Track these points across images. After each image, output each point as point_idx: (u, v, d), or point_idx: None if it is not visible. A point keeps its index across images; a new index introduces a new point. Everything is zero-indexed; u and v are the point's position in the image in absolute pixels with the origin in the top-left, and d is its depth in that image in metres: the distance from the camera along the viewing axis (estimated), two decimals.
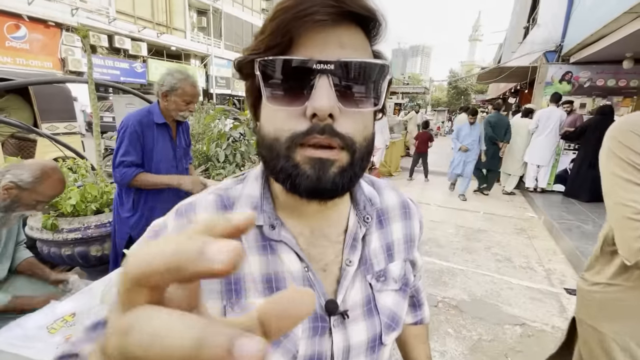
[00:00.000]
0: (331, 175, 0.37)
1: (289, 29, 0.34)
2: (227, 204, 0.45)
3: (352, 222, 0.48)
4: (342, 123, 0.36)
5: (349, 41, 0.36)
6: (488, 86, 16.54)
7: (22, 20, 11.19)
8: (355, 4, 0.34)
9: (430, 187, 6.54)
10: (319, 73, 0.34)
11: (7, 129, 4.27)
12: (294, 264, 0.43)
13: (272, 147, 0.38)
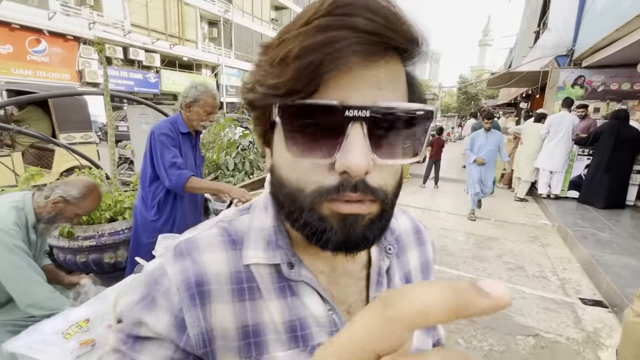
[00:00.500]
0: (361, 230, 0.32)
1: (319, 73, 0.27)
2: (235, 238, 0.39)
3: (375, 255, 0.43)
4: (375, 176, 0.31)
5: (386, 79, 0.30)
6: (499, 91, 16.36)
7: (43, 35, 11.68)
8: (401, 36, 0.28)
9: (441, 193, 6.48)
10: (352, 121, 0.28)
11: (27, 139, 4.45)
12: (317, 307, 0.38)
13: (294, 197, 0.33)
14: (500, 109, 17.40)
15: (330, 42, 0.26)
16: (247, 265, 0.37)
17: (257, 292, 0.37)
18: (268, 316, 0.36)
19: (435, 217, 4.94)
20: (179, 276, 0.35)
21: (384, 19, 0.27)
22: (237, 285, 0.36)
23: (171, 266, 0.35)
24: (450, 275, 3.13)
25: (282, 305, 0.37)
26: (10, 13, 10.56)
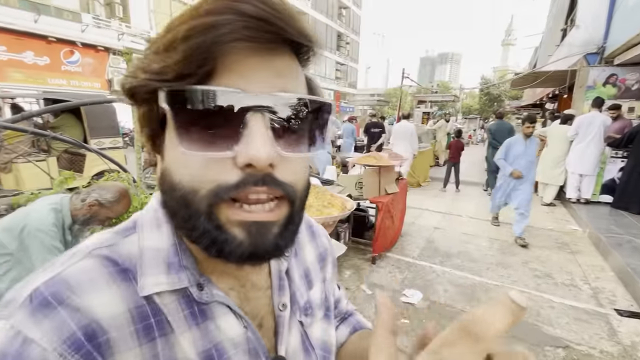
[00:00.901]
0: (271, 239, 0.29)
1: (210, 56, 0.26)
2: (125, 267, 0.31)
3: (273, 260, 0.40)
4: (282, 170, 0.29)
5: (286, 69, 0.29)
6: (523, 92, 15.81)
7: (76, 47, 12.40)
8: (295, 31, 0.27)
9: (462, 197, 6.31)
10: (252, 109, 0.26)
11: (61, 145, 4.72)
12: (232, 327, 0.34)
13: (188, 201, 0.28)
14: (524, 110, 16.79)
15: (220, 24, 0.25)
16: (148, 296, 0.30)
17: (166, 325, 0.31)
18: (180, 352, 0.31)
19: (457, 222, 4.82)
20: (56, 337, 0.25)
21: (274, 9, 0.26)
22: (142, 324, 0.29)
23: (34, 328, 0.25)
24: (473, 282, 3.04)
25: (194, 335, 0.32)
26: (48, 27, 11.29)
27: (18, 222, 1.29)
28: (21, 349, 0.24)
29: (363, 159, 3.50)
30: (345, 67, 32.89)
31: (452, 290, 2.90)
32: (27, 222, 1.29)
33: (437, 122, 9.73)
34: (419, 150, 7.14)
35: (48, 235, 1.30)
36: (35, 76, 11.58)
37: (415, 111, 12.01)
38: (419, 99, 13.43)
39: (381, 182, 3.37)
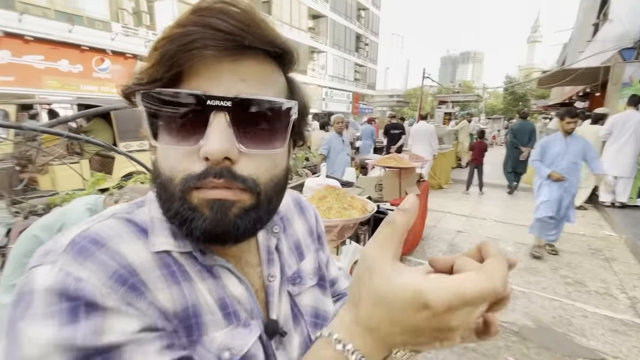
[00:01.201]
0: (232, 218, 0.33)
1: (175, 62, 0.30)
2: (143, 228, 0.36)
3: (262, 237, 0.45)
4: (243, 164, 0.32)
5: (252, 74, 0.33)
6: (550, 90, 15.15)
7: (106, 55, 13.03)
8: (255, 38, 0.31)
9: (486, 200, 6.11)
10: (214, 110, 0.31)
11: (93, 148, 4.97)
12: (236, 286, 0.39)
13: (165, 186, 0.33)
14: (552, 109, 16.08)
15: (185, 35, 0.29)
16: (167, 251, 0.35)
17: (187, 274, 0.36)
18: (202, 297, 0.36)
19: (481, 225, 4.67)
20: (102, 274, 0.29)
21: (239, 21, 0.30)
22: (167, 270, 0.34)
23: (80, 268, 0.29)
24: None
25: (209, 285, 0.37)
26: (81, 36, 11.94)
27: (56, 221, 1.37)
28: (75, 286, 0.28)
29: (383, 160, 3.46)
30: (364, 68, 32.70)
31: None
32: (64, 221, 1.36)
33: (459, 123, 9.48)
34: (441, 151, 6.99)
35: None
36: (69, 83, 12.26)
37: (436, 112, 11.76)
38: (440, 99, 13.15)
39: (402, 184, 3.32)
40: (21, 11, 10.49)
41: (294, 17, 22.32)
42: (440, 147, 7.41)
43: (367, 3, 31.18)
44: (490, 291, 0.23)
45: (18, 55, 10.87)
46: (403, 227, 0.28)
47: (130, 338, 0.28)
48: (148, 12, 14.59)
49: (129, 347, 0.28)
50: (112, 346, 0.27)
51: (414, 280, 0.25)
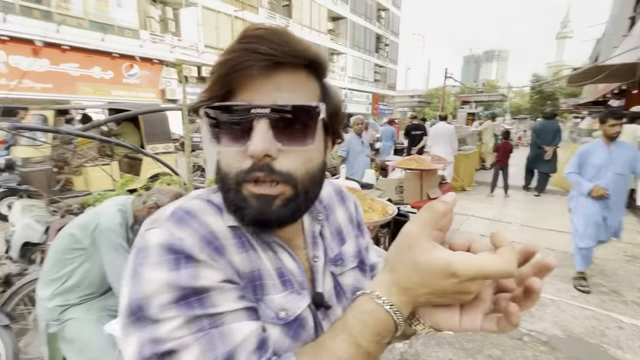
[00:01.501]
0: (275, 209, 0.40)
1: (227, 81, 0.39)
2: (219, 207, 0.44)
3: (307, 223, 0.52)
4: (281, 161, 0.39)
5: (286, 84, 0.39)
6: (582, 89, 14.40)
7: (135, 61, 13.63)
8: (286, 55, 0.38)
9: (512, 203, 5.89)
10: (257, 117, 0.38)
11: (122, 150, 5.21)
12: (289, 261, 0.47)
13: (224, 180, 0.42)
14: (583, 108, 15.27)
15: (233, 59, 0.37)
16: (234, 226, 0.43)
17: (252, 245, 0.44)
18: (263, 265, 0.44)
19: (506, 229, 4.50)
20: (196, 236, 0.38)
21: (273, 43, 0.37)
22: (238, 240, 0.43)
23: (181, 230, 0.38)
24: None
25: (269, 256, 0.45)
26: (112, 44, 12.55)
27: (91, 221, 1.46)
28: (178, 243, 0.37)
29: (404, 162, 3.42)
30: (384, 69, 32.39)
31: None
32: (98, 221, 1.44)
33: (483, 123, 9.19)
34: (463, 152, 6.81)
35: (115, 233, 1.44)
36: (101, 89, 12.92)
37: (458, 112, 11.45)
38: (463, 99, 12.79)
39: (423, 187, 3.27)
40: (59, 22, 11.16)
41: (314, 19, 22.46)
42: (463, 148, 7.22)
43: (388, 3, 30.90)
44: (506, 271, 0.31)
45: (56, 63, 11.58)
46: (441, 214, 0.35)
47: (215, 285, 0.36)
48: (174, 19, 15.13)
49: (215, 292, 0.36)
50: (204, 289, 0.36)
51: (446, 254, 0.33)
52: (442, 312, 0.36)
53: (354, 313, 0.36)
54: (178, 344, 0.33)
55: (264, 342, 0.38)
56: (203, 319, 0.35)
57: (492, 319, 0.35)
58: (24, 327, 2.08)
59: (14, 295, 2.02)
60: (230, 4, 16.75)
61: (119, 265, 1.44)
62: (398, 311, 0.34)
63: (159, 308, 0.34)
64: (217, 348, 0.34)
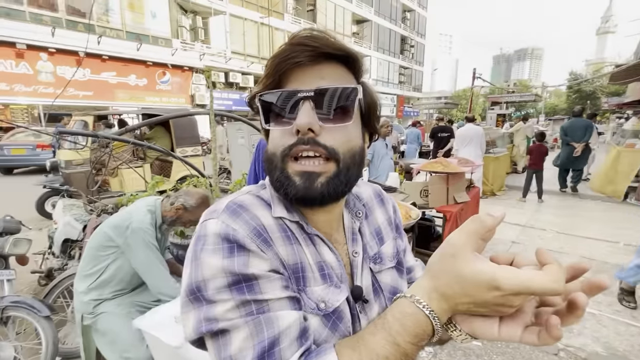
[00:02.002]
0: (318, 186, 0.43)
1: (277, 70, 0.44)
2: (267, 202, 0.49)
3: (347, 219, 0.55)
4: (324, 136, 0.43)
5: (328, 74, 0.45)
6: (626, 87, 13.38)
7: (167, 68, 14.33)
8: (327, 47, 0.43)
9: (546, 209, 5.55)
10: (302, 99, 0.43)
11: (154, 153, 5.46)
12: (329, 255, 0.49)
13: (271, 160, 0.46)
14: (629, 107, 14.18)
15: (283, 52, 0.43)
16: (279, 217, 0.47)
17: (296, 239, 0.47)
18: (305, 258, 0.47)
19: (539, 237, 4.25)
20: (247, 228, 0.42)
21: (317, 39, 0.43)
22: (283, 233, 0.46)
23: (235, 222, 0.42)
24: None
25: (310, 250, 0.48)
26: (147, 53, 13.27)
27: (124, 220, 1.54)
28: (232, 233, 0.41)
29: (429, 165, 3.33)
30: (410, 70, 31.84)
31: None
32: (131, 221, 1.52)
33: (515, 125, 8.77)
34: (493, 155, 6.53)
35: (147, 233, 1.52)
36: (136, 95, 13.68)
37: (488, 113, 11.01)
38: (493, 100, 12.28)
39: (449, 190, 3.16)
40: (100, 34, 11.96)
41: (338, 23, 22.54)
42: (493, 150, 6.93)
43: (413, 4, 30.43)
44: (553, 290, 0.31)
45: (96, 72, 12.41)
46: (487, 228, 0.35)
47: (263, 274, 0.40)
48: (203, 27, 15.76)
49: (263, 280, 0.40)
50: (254, 276, 0.39)
51: (491, 267, 0.33)
52: (480, 320, 0.36)
53: (394, 313, 0.37)
54: (230, 324, 0.37)
55: (305, 331, 0.40)
56: (252, 304, 0.38)
57: (533, 332, 0.35)
58: (63, 319, 2.22)
59: (54, 288, 2.17)
60: (257, 11, 17.18)
61: (150, 262, 1.51)
62: (437, 317, 0.35)
63: (214, 290, 0.38)
64: (264, 332, 0.37)
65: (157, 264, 1.53)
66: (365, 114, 0.49)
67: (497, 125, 10.28)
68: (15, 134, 8.65)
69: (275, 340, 0.37)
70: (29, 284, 2.88)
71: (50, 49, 11.14)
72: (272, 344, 0.37)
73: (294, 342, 0.38)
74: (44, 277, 2.66)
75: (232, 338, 0.37)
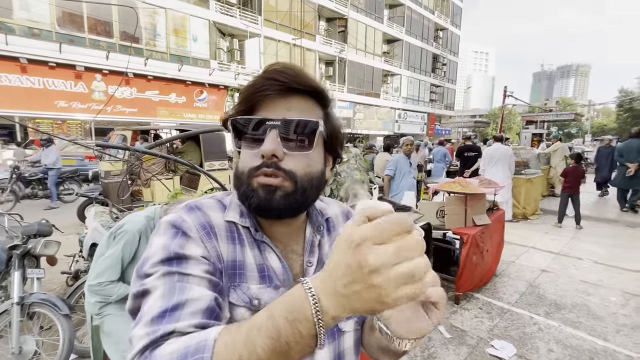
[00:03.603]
0: (277, 198, 0.49)
1: (250, 100, 0.51)
2: (225, 205, 0.56)
3: (309, 232, 0.60)
4: (286, 162, 0.50)
5: (295, 106, 0.51)
6: None
7: (204, 87, 15.27)
8: (295, 82, 0.49)
9: (585, 236, 5.11)
10: (270, 127, 0.49)
11: (183, 166, 5.78)
12: (275, 261, 0.54)
13: (239, 177, 0.52)
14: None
15: (256, 84, 0.50)
16: (231, 221, 0.53)
17: (241, 240, 0.53)
18: (247, 258, 0.53)
19: (575, 266, 3.91)
20: (196, 221, 0.50)
21: (288, 75, 0.49)
22: (230, 233, 0.53)
23: (187, 216, 0.50)
24: (593, 346, 2.38)
25: (255, 253, 0.53)
26: (186, 73, 14.27)
27: (119, 226, 1.70)
28: (182, 222, 0.49)
29: (447, 185, 3.23)
30: (441, 88, 31.32)
31: (559, 351, 2.33)
32: (124, 222, 1.70)
33: (552, 145, 8.26)
34: (526, 177, 6.18)
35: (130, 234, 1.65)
36: (175, 112, 14.65)
37: (522, 132, 10.47)
38: (527, 119, 11.68)
39: (468, 212, 3.04)
40: (147, 56, 13.10)
41: (369, 44, 22.91)
42: (526, 171, 6.56)
43: (446, 23, 30.27)
44: (383, 209, 0.32)
45: (142, 91, 13.50)
46: (364, 213, 0.34)
47: (195, 256, 0.46)
48: (239, 49, 16.72)
49: (192, 261, 0.46)
50: (185, 256, 0.46)
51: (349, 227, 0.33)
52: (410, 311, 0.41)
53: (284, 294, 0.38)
54: (151, 286, 0.43)
55: (212, 310, 0.43)
56: (175, 275, 0.44)
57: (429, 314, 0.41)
58: (82, 318, 2.37)
59: (77, 289, 2.34)
60: (289, 33, 17.98)
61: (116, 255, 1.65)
62: (315, 294, 0.33)
63: (151, 265, 0.45)
64: (175, 295, 0.42)
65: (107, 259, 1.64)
66: (328, 141, 0.55)
67: (533, 145, 9.73)
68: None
69: (180, 304, 0.41)
70: (60, 283, 3.12)
71: (104, 70, 12.35)
72: (176, 306, 0.40)
73: (198, 314, 0.41)
74: (72, 278, 2.87)
75: (150, 297, 0.42)
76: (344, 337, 0.59)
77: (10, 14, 10.41)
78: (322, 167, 0.54)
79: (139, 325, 0.40)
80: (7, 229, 2.24)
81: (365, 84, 23.02)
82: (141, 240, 1.68)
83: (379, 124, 24.40)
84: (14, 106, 10.67)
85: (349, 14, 20.91)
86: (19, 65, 10.76)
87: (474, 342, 2.43)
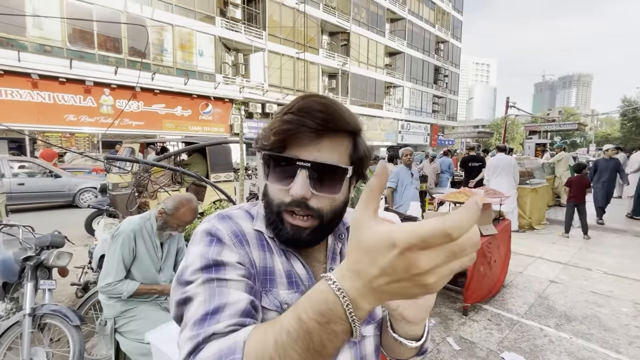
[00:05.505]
0: (304, 236, 0.54)
1: (283, 139, 0.52)
2: (252, 216, 0.61)
3: (330, 241, 0.63)
4: (314, 201, 0.52)
5: (325, 147, 0.52)
6: None
7: (210, 100, 15.53)
8: (328, 129, 0.51)
9: (594, 246, 5.06)
10: (300, 167, 0.51)
11: (190, 178, 5.84)
12: (300, 269, 0.58)
13: (270, 204, 0.55)
14: None
15: (292, 122, 0.50)
16: (259, 230, 0.58)
17: (269, 248, 0.57)
18: (276, 265, 0.56)
19: (584, 277, 3.86)
20: (228, 229, 0.54)
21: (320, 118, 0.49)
22: (259, 241, 0.57)
23: (220, 224, 0.55)
24: (606, 359, 2.34)
25: (282, 260, 0.57)
26: (192, 87, 14.56)
27: (116, 228, 1.80)
28: (216, 230, 0.53)
29: (452, 195, 3.24)
30: (444, 99, 31.56)
31: None
32: (121, 227, 1.78)
33: (557, 154, 8.25)
34: (531, 187, 6.17)
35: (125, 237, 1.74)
36: (181, 125, 14.88)
37: (526, 142, 10.48)
38: (530, 129, 11.70)
39: None
40: (154, 71, 13.40)
41: (371, 56, 23.26)
42: (530, 181, 6.55)
43: (447, 36, 30.74)
44: (438, 230, 0.27)
45: (148, 104, 13.77)
46: (378, 188, 0.35)
47: (231, 262, 0.50)
48: (244, 63, 17.06)
49: (229, 267, 0.49)
50: (223, 262, 0.49)
51: (387, 227, 0.30)
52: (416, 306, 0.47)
53: (308, 292, 0.37)
54: (193, 293, 0.47)
55: (249, 312, 0.46)
56: (214, 281, 0.47)
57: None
58: (92, 330, 2.38)
59: (87, 300, 2.36)
60: (293, 47, 18.33)
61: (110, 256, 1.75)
62: (347, 295, 0.33)
63: (190, 273, 0.49)
64: (215, 299, 0.45)
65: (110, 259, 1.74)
66: (355, 167, 0.55)
67: (537, 155, 9.72)
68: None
69: (220, 307, 0.44)
70: (68, 295, 3.14)
71: (112, 85, 12.65)
72: (216, 310, 0.44)
73: (236, 315, 0.44)
74: (81, 290, 2.89)
75: (192, 304, 0.46)
76: (365, 342, 0.61)
77: (23, 32, 10.78)
78: (345, 196, 0.57)
79: (184, 331, 0.43)
80: (22, 241, 2.28)
81: (368, 96, 23.27)
82: (137, 240, 1.78)
83: (382, 135, 24.52)
84: (25, 120, 10.94)
85: (351, 28, 21.33)
86: (31, 80, 11.07)
87: (484, 355, 2.40)
